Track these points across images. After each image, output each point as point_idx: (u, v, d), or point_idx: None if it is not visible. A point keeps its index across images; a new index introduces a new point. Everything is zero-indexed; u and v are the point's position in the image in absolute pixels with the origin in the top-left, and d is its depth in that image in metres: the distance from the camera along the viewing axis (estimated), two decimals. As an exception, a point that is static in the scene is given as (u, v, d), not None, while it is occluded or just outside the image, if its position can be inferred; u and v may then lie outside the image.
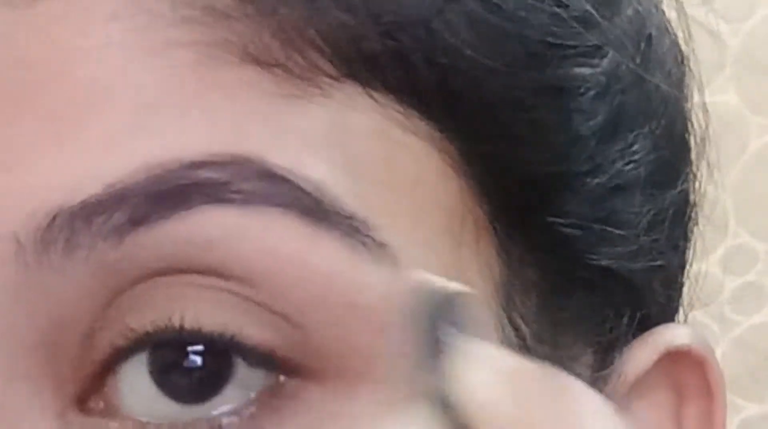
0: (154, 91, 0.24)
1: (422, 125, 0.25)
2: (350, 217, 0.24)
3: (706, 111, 0.34)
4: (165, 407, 0.24)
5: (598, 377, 0.29)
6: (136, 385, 0.24)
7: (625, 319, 0.30)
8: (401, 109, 0.25)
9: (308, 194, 0.24)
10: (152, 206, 0.23)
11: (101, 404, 0.24)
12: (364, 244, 0.24)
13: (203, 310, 0.24)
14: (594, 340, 0.30)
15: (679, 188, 0.31)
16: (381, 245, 0.24)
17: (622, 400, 0.30)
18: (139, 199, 0.23)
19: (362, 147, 0.25)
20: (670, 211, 0.31)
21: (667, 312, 0.32)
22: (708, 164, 0.34)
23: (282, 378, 0.24)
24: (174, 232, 0.23)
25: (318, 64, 0.24)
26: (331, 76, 0.24)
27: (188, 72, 0.24)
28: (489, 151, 0.26)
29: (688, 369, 0.30)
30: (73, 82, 0.23)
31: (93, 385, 0.24)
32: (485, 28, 0.25)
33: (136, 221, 0.23)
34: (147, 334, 0.24)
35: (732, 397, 1.21)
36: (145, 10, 0.24)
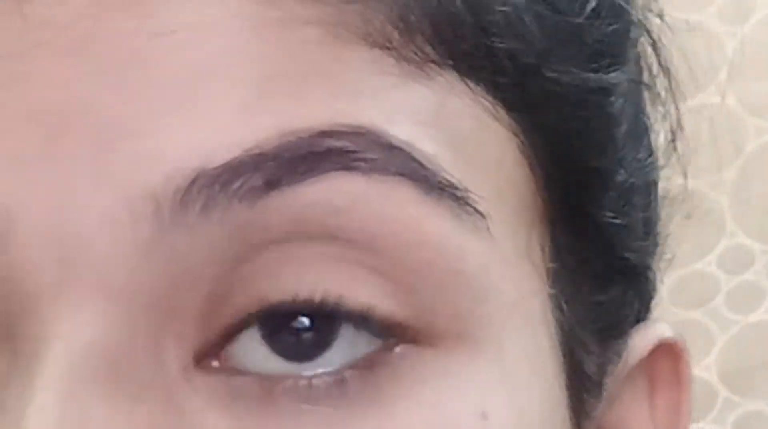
0: (282, 62, 0.25)
1: (505, 115, 0.27)
2: (457, 189, 0.25)
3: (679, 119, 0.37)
4: (279, 366, 0.25)
5: (605, 363, 0.31)
6: (249, 346, 0.25)
7: (635, 309, 0.32)
8: (488, 97, 0.27)
9: (423, 165, 0.25)
10: (286, 171, 0.24)
11: (222, 363, 0.25)
12: (468, 214, 0.26)
13: (330, 280, 0.25)
14: (612, 328, 0.31)
15: (656, 193, 0.34)
16: (481, 216, 0.26)
17: (617, 386, 0.32)
18: (274, 163, 0.24)
19: (460, 127, 0.26)
20: (656, 214, 0.34)
21: (649, 307, 0.34)
22: (680, 163, 0.36)
23: (395, 340, 0.25)
24: (305, 196, 0.24)
25: (426, 50, 0.25)
26: (435, 62, 0.26)
27: (313, 47, 0.25)
28: (552, 144, 0.28)
29: (663, 360, 0.33)
30: (202, 52, 0.24)
31: (215, 346, 0.25)
32: (556, 33, 0.27)
33: (271, 184, 0.24)
34: (277, 302, 0.25)
35: (728, 394, 1.22)
36: None
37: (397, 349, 0.25)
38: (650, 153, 0.33)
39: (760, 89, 1.09)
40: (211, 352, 0.25)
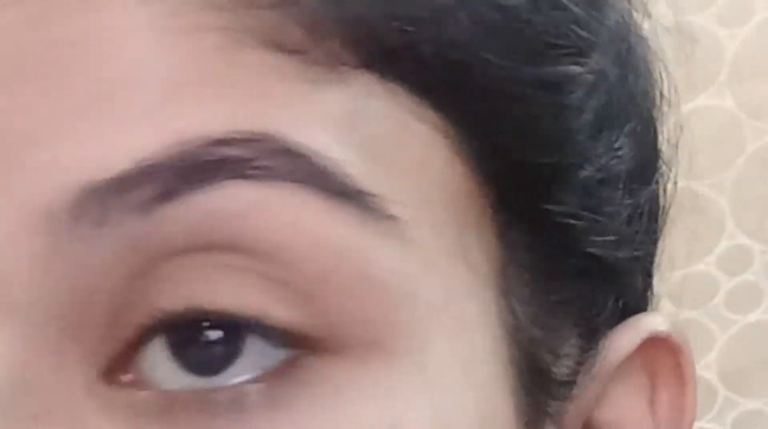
0: (181, 71, 0.24)
1: (431, 114, 0.26)
2: (363, 193, 0.25)
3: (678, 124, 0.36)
4: (184, 379, 0.25)
5: (585, 358, 0.30)
6: (157, 359, 0.25)
7: (610, 305, 0.31)
8: (412, 98, 0.26)
9: (324, 171, 0.24)
10: (180, 181, 0.24)
11: (129, 377, 0.25)
12: (376, 218, 0.25)
13: (228, 292, 0.24)
14: (581, 324, 0.31)
15: (653, 186, 0.33)
16: (392, 218, 0.25)
17: (604, 384, 0.31)
18: (168, 174, 0.23)
19: (377, 130, 0.25)
20: (647, 207, 0.32)
21: (644, 301, 0.33)
22: (676, 164, 0.36)
23: (298, 351, 0.25)
24: (200, 206, 0.24)
25: (338, 53, 0.25)
26: (349, 65, 0.25)
27: (214, 54, 0.24)
28: (491, 140, 0.27)
29: (663, 355, 0.31)
30: (105, 62, 0.24)
31: (119, 359, 0.24)
32: (491, 27, 0.26)
33: (165, 195, 0.23)
34: (174, 313, 0.24)
35: (728, 393, 1.21)
36: None
37: (302, 361, 0.25)
38: (632, 145, 0.31)
39: (760, 91, 1.09)
40: (119, 366, 0.25)
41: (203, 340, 0.25)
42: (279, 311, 0.24)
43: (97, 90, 0.24)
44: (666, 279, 0.36)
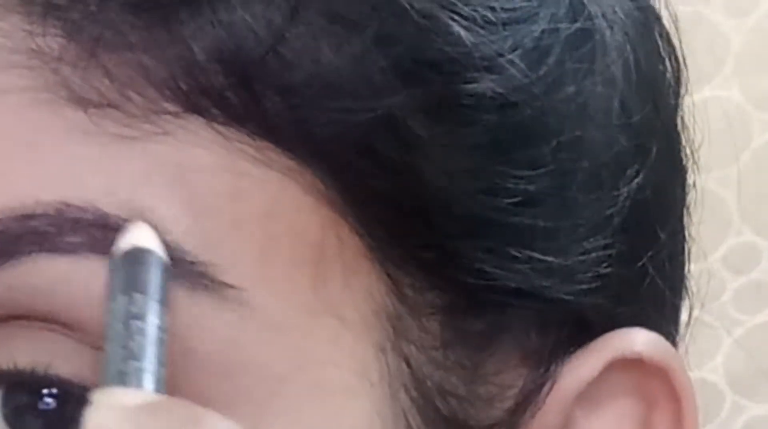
0: None
1: (275, 156, 0.25)
2: (189, 260, 0.24)
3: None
4: None
5: (531, 389, 0.28)
6: None
7: (552, 331, 0.29)
8: (251, 141, 0.25)
9: None
10: None
11: None
12: (204, 285, 0.24)
13: (30, 353, 0.24)
14: (519, 353, 0.28)
15: (623, 191, 0.29)
16: (224, 286, 0.24)
17: (562, 413, 0.28)
18: None
19: (205, 183, 0.24)
20: (617, 216, 0.29)
21: (620, 316, 0.30)
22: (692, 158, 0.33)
23: None
24: (5, 279, 0.24)
25: (155, 100, 0.24)
26: (169, 113, 0.24)
27: (16, 119, 0.24)
28: (357, 180, 0.25)
29: (651, 375, 0.29)
30: None
31: None
32: (343, 47, 0.25)
33: None
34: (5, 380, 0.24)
35: (736, 398, 1.21)
36: None
37: None
38: (552, 160, 0.28)
39: (766, 83, 1.08)
40: None
41: (39, 408, 0.24)
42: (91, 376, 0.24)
43: None
44: None
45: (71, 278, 0.24)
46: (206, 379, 0.24)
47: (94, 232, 0.24)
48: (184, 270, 0.24)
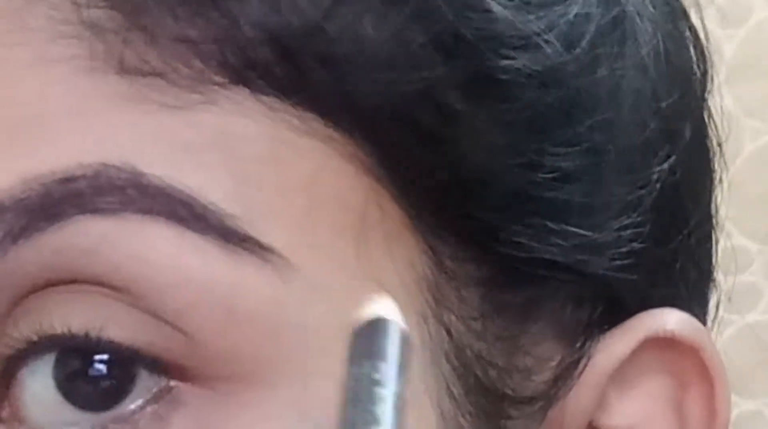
0: (30, 107, 0.24)
1: (318, 126, 0.25)
2: (229, 222, 0.24)
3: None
4: (69, 415, 0.24)
5: (567, 364, 0.29)
6: (40, 393, 0.24)
7: (587, 307, 0.29)
8: (294, 111, 0.25)
9: (180, 201, 0.24)
10: (29, 220, 0.23)
11: (5, 412, 0.25)
12: (246, 248, 0.24)
13: (91, 321, 0.24)
14: (555, 327, 0.29)
15: (654, 172, 0.30)
16: (266, 249, 0.24)
17: (596, 391, 0.29)
18: (16, 213, 0.23)
19: (249, 150, 0.25)
20: (648, 196, 0.30)
21: (653, 297, 0.30)
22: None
23: (172, 382, 0.24)
24: (51, 243, 0.24)
25: (201, 72, 0.24)
26: (216, 83, 0.24)
27: (64, 86, 0.24)
28: (393, 150, 0.26)
29: (684, 355, 0.29)
30: None
31: None
32: (384, 23, 0.25)
33: (15, 235, 0.24)
34: (33, 343, 0.24)
35: (726, 395, 1.21)
36: (20, 27, 0.24)
37: (173, 394, 0.24)
38: (571, 145, 0.28)
39: (758, 91, 1.08)
40: None
41: (92, 374, 0.24)
42: (145, 339, 0.24)
43: None
44: None
45: (113, 239, 0.24)
46: (251, 339, 0.24)
47: (132, 192, 0.24)
48: (223, 231, 0.24)
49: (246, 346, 0.24)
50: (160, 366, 0.24)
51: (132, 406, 0.24)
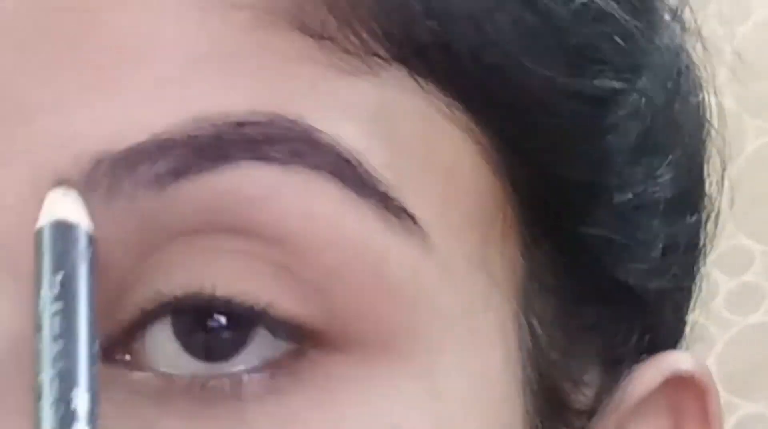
0: (205, 47, 0.24)
1: (462, 117, 0.26)
2: (385, 189, 0.24)
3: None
4: (188, 364, 0.24)
5: (604, 391, 0.30)
6: (160, 342, 0.24)
7: (635, 337, 0.30)
8: (444, 98, 0.25)
9: (346, 161, 0.24)
10: (196, 158, 0.23)
11: (127, 357, 0.24)
12: (397, 216, 0.24)
13: (234, 278, 0.24)
14: (603, 354, 0.30)
15: (693, 219, 0.32)
16: (413, 219, 0.25)
17: (622, 420, 0.30)
18: (183, 150, 0.23)
19: (405, 126, 0.25)
20: (684, 240, 0.31)
21: (674, 338, 0.32)
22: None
23: (304, 344, 0.24)
24: (214, 185, 0.23)
25: (369, 44, 0.24)
26: (381, 57, 0.25)
27: (242, 33, 0.24)
28: (524, 152, 0.26)
29: (688, 396, 0.30)
30: (127, 30, 0.23)
31: (120, 339, 0.24)
32: (531, 33, 0.26)
33: (179, 172, 0.23)
34: (176, 298, 0.24)
35: (728, 396, 1.22)
36: None
37: (307, 354, 0.24)
38: (674, 173, 0.30)
39: (759, 90, 1.09)
40: (119, 346, 0.24)
41: (209, 326, 0.24)
42: (287, 302, 0.24)
43: (113, 59, 0.23)
44: None
45: (282, 189, 0.24)
46: (394, 307, 0.24)
47: (302, 145, 0.24)
48: (377, 196, 0.24)
49: (386, 313, 0.24)
50: (294, 331, 0.24)
51: (255, 363, 0.24)
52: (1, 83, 0.23)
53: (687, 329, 0.38)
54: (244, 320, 0.24)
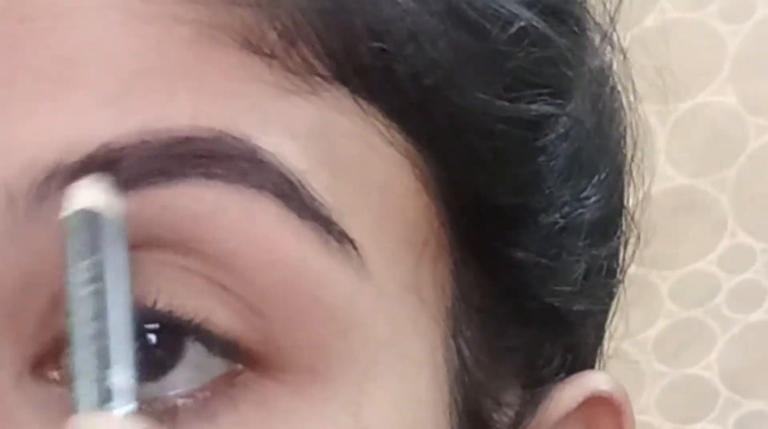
0: (152, 59, 0.24)
1: (401, 139, 0.26)
2: (328, 213, 0.24)
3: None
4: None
5: (524, 410, 0.30)
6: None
7: (558, 358, 0.31)
8: (384, 120, 0.25)
9: (289, 181, 0.24)
10: (144, 172, 0.23)
11: (55, 374, 0.24)
12: (338, 240, 0.24)
13: (174, 292, 0.24)
14: (525, 374, 0.30)
15: (614, 244, 0.32)
16: (353, 244, 0.25)
17: None
18: (132, 161, 0.23)
19: (343, 146, 0.25)
20: (605, 264, 0.32)
21: (593, 357, 0.33)
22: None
23: (240, 367, 0.24)
24: (162, 198, 0.23)
25: (312, 62, 0.24)
26: (322, 76, 0.25)
27: (186, 47, 0.24)
28: (458, 174, 0.27)
29: (604, 415, 0.31)
30: (71, 40, 0.23)
31: (51, 352, 0.24)
32: (471, 56, 0.26)
33: (128, 183, 0.23)
34: None
35: (730, 394, 1.22)
36: None
37: (241, 378, 0.24)
38: (598, 195, 0.30)
39: (761, 88, 1.09)
40: (49, 361, 0.24)
41: (143, 343, 0.24)
42: (223, 318, 0.24)
43: (57, 69, 0.23)
44: (667, 277, 0.35)
45: (227, 207, 0.23)
46: (327, 332, 0.24)
47: (246, 164, 0.24)
48: (318, 218, 0.24)
49: (320, 338, 0.24)
50: (231, 349, 0.24)
51: (187, 385, 0.24)
52: None
53: (688, 327, 0.38)
54: (179, 335, 0.24)
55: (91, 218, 0.22)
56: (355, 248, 0.25)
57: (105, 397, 0.22)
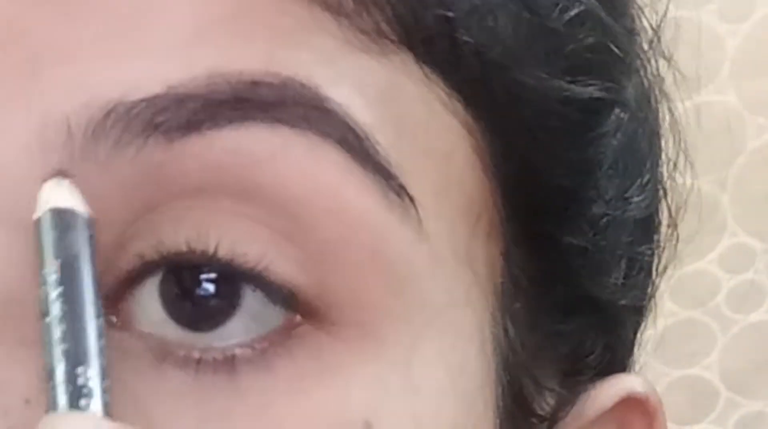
0: (225, 5, 0.24)
1: (461, 110, 0.26)
2: (390, 166, 0.24)
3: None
4: (174, 332, 0.24)
5: (562, 402, 0.30)
6: (148, 308, 0.24)
7: (597, 353, 0.31)
8: (446, 89, 0.26)
9: (354, 132, 0.24)
10: (208, 113, 0.23)
11: (115, 318, 0.24)
12: (398, 195, 0.24)
13: (236, 240, 0.23)
14: (566, 364, 0.30)
15: (653, 245, 0.33)
16: (412, 200, 0.25)
17: None
18: (197, 104, 0.23)
19: (408, 109, 0.25)
20: (644, 263, 0.32)
21: (626, 359, 0.33)
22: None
23: (298, 318, 0.24)
24: (225, 141, 0.23)
25: (382, 26, 0.25)
26: (391, 40, 0.25)
27: (267, 1, 0.24)
28: (514, 151, 0.27)
29: (638, 418, 0.31)
30: None
31: (110, 298, 0.24)
32: (531, 34, 0.26)
33: (191, 126, 0.23)
34: (176, 253, 0.24)
35: (731, 395, 1.22)
36: None
37: (297, 330, 0.24)
38: (645, 194, 0.31)
39: (761, 87, 1.09)
40: (109, 306, 0.23)
41: (197, 294, 0.24)
42: (284, 267, 0.24)
43: (129, 10, 0.23)
44: (667, 277, 0.35)
45: (289, 152, 0.23)
46: (383, 289, 0.24)
47: (313, 112, 0.24)
48: (380, 171, 0.24)
49: (375, 294, 0.24)
50: (289, 299, 0.24)
51: (244, 335, 0.24)
52: (15, 31, 0.23)
53: (688, 327, 0.38)
54: (237, 284, 0.24)
55: (63, 218, 0.22)
56: (415, 207, 0.25)
57: (75, 396, 0.22)
